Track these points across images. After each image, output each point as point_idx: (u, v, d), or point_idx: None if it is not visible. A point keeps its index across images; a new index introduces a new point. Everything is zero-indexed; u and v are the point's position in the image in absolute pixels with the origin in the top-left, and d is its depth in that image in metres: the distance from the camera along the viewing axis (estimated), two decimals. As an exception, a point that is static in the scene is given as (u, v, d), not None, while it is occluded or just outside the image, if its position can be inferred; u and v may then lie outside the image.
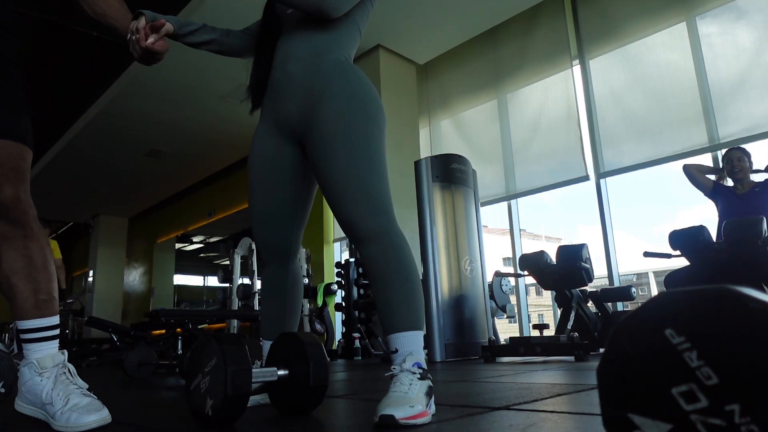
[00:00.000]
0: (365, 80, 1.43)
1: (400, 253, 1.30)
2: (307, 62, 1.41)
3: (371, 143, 1.34)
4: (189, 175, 9.01)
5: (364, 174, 1.31)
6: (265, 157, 1.50)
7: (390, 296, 1.28)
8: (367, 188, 1.30)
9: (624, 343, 0.48)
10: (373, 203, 1.30)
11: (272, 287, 1.55)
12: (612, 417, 0.49)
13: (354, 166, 1.31)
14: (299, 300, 1.59)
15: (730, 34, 4.10)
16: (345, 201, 1.31)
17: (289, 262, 1.56)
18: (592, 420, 1.07)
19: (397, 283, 1.28)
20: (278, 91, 1.45)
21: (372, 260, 1.31)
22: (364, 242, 1.32)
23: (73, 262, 13.68)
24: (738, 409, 0.41)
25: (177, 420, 1.35)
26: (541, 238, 25.19)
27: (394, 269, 1.29)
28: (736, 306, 0.43)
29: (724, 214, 3.38)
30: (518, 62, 5.32)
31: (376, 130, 1.37)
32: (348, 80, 1.39)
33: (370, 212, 1.29)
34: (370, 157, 1.33)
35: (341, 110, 1.35)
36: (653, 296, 0.48)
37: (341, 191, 1.31)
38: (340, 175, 1.31)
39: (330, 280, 5.99)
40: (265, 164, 1.50)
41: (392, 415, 1.05)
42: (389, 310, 1.28)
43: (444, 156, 4.21)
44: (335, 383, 2.25)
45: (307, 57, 1.42)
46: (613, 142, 4.63)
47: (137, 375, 3.19)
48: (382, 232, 1.30)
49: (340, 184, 1.31)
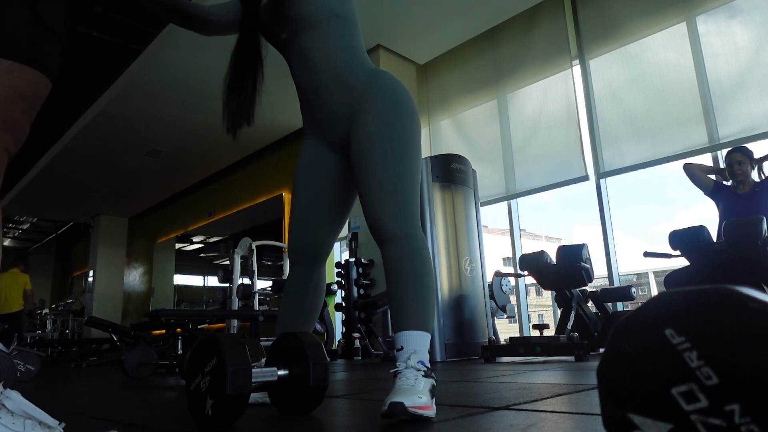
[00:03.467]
0: (399, 85, 1.47)
1: (419, 257, 1.35)
2: (338, 86, 1.45)
3: (405, 150, 1.40)
4: (189, 175, 9.01)
5: (394, 180, 1.36)
6: (312, 165, 1.55)
7: (403, 296, 1.32)
8: (395, 193, 1.35)
9: (624, 343, 0.48)
10: (399, 207, 1.35)
11: (295, 288, 1.55)
12: (612, 417, 0.49)
13: (386, 172, 1.36)
14: (319, 304, 1.59)
15: (730, 34, 4.10)
16: (373, 202, 1.36)
17: (317, 265, 1.57)
18: (592, 420, 1.07)
19: (411, 285, 1.32)
20: (320, 119, 1.50)
21: (391, 261, 1.35)
22: (386, 243, 1.37)
23: (73, 262, 13.69)
24: (738, 409, 0.41)
25: (177, 420, 1.35)
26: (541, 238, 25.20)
27: (411, 271, 1.33)
28: (736, 306, 0.42)
29: (725, 214, 3.38)
30: (518, 62, 5.32)
31: (410, 136, 1.42)
32: (383, 88, 1.44)
33: (394, 215, 1.35)
34: (403, 165, 1.38)
35: (379, 119, 1.40)
36: (653, 296, 0.48)
37: (372, 194, 1.37)
38: (373, 179, 1.37)
39: (330, 280, 5.98)
40: (311, 172, 1.55)
41: (402, 402, 1.06)
42: (400, 309, 1.31)
43: (444, 156, 4.21)
44: (335, 383, 2.25)
45: (335, 81, 1.45)
46: (613, 142, 4.62)
47: (137, 375, 3.19)
48: (403, 235, 1.35)
49: (372, 187, 1.37)
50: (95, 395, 2.24)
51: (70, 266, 13.85)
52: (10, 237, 14.91)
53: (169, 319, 4.09)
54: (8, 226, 13.70)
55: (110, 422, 1.35)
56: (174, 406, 1.71)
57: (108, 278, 11.03)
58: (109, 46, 5.40)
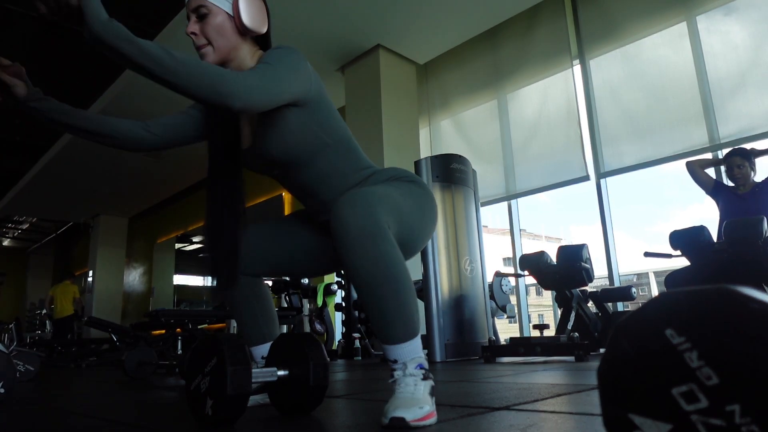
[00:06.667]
0: (404, 171, 1.41)
1: (388, 260, 1.14)
2: (337, 197, 1.36)
3: (397, 196, 1.25)
4: (189, 175, 9.01)
5: (369, 190, 1.20)
6: (297, 217, 1.53)
7: (383, 307, 1.15)
8: (365, 195, 1.16)
9: (624, 343, 0.48)
10: (365, 206, 1.14)
11: (238, 299, 1.52)
12: (612, 417, 0.48)
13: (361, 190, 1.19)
14: (270, 304, 1.58)
15: (730, 34, 4.10)
16: (338, 204, 1.16)
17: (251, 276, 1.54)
18: (592, 420, 1.07)
19: (389, 294, 1.14)
20: (318, 214, 1.45)
21: (360, 273, 1.14)
22: (347, 248, 1.14)
23: (73, 262, 13.69)
24: (738, 410, 0.41)
25: (177, 420, 1.35)
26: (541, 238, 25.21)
27: (384, 280, 1.14)
28: (736, 306, 0.42)
29: (725, 214, 3.38)
30: (518, 62, 5.32)
31: (414, 200, 1.30)
32: (387, 172, 1.38)
33: (355, 212, 1.13)
34: (385, 187, 1.26)
35: (385, 181, 1.34)
36: (653, 296, 0.48)
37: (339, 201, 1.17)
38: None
39: (330, 280, 5.99)
40: (293, 220, 1.53)
41: (403, 418, 1.05)
42: (382, 321, 1.16)
43: (444, 156, 4.21)
44: (335, 383, 2.24)
45: (335, 197, 1.36)
46: (614, 141, 4.62)
47: (137, 375, 3.19)
48: (367, 233, 1.12)
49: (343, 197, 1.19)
50: (95, 395, 2.24)
51: (70, 266, 13.85)
52: (10, 237, 14.92)
53: (168, 319, 4.10)
54: (8, 226, 13.72)
55: (110, 422, 1.35)
56: (174, 406, 1.71)
57: (108, 278, 11.03)
58: (109, 46, 5.41)
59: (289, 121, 1.27)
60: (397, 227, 1.21)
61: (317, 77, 1.31)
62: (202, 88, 1.06)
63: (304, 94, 1.25)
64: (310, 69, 1.28)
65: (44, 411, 1.66)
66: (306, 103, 1.27)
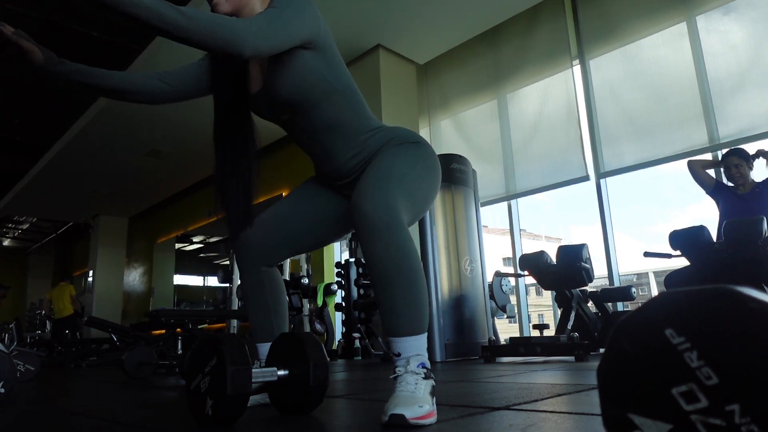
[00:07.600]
0: (413, 133, 1.44)
1: (404, 252, 1.21)
2: (347, 152, 1.40)
3: (409, 162, 1.33)
4: (189, 175, 9.00)
5: (387, 175, 1.27)
6: (307, 193, 1.54)
7: (394, 299, 1.21)
8: (382, 182, 1.24)
9: (624, 343, 0.48)
10: (383, 196, 1.21)
11: (254, 290, 1.55)
12: (612, 417, 0.49)
13: (380, 169, 1.28)
14: (283, 298, 1.59)
15: (729, 33, 4.10)
16: (359, 192, 1.23)
17: (268, 266, 1.56)
18: (592, 420, 1.07)
19: (401, 286, 1.21)
20: (329, 175, 1.47)
21: (377, 260, 1.21)
22: (367, 237, 1.21)
23: (73, 262, 13.68)
24: (738, 409, 0.41)
25: (177, 420, 1.35)
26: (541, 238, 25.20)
27: (399, 271, 1.21)
28: (736, 306, 0.42)
29: (725, 214, 3.38)
30: (518, 62, 5.31)
31: (421, 160, 1.36)
32: (397, 138, 1.40)
33: (375, 203, 1.20)
34: (402, 168, 1.31)
35: (391, 153, 1.36)
36: (653, 296, 0.48)
37: (360, 188, 1.24)
38: (367, 176, 1.28)
39: (330, 280, 5.99)
40: (303, 196, 1.54)
41: (402, 415, 1.05)
42: (392, 313, 1.22)
43: (444, 156, 4.21)
44: (335, 383, 2.24)
45: (344, 149, 1.40)
46: (613, 141, 4.62)
47: (137, 375, 3.19)
48: (384, 225, 1.19)
49: (364, 181, 1.26)
50: (95, 395, 2.24)
51: (68, 268, 13.84)
52: (10, 237, 14.91)
53: (169, 319, 4.10)
54: (8, 226, 13.71)
55: (110, 422, 1.35)
56: (174, 406, 1.71)
57: (108, 278, 11.03)
58: (109, 46, 5.40)
59: (298, 63, 1.29)
60: (412, 207, 1.30)
61: (325, 24, 1.34)
62: (213, 41, 1.08)
63: (313, 37, 1.28)
64: (319, 14, 1.31)
65: (44, 411, 1.66)
66: (315, 46, 1.30)
